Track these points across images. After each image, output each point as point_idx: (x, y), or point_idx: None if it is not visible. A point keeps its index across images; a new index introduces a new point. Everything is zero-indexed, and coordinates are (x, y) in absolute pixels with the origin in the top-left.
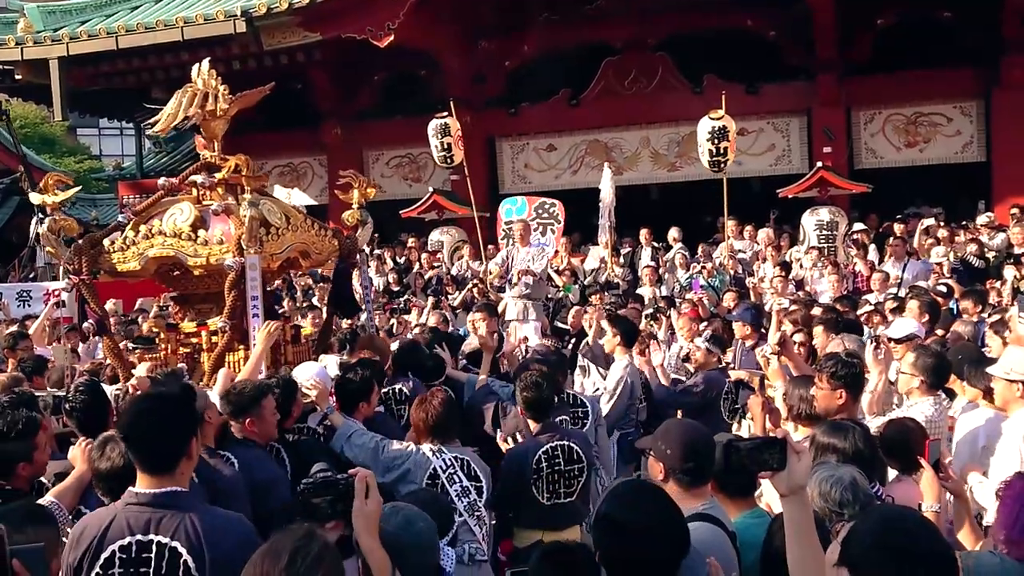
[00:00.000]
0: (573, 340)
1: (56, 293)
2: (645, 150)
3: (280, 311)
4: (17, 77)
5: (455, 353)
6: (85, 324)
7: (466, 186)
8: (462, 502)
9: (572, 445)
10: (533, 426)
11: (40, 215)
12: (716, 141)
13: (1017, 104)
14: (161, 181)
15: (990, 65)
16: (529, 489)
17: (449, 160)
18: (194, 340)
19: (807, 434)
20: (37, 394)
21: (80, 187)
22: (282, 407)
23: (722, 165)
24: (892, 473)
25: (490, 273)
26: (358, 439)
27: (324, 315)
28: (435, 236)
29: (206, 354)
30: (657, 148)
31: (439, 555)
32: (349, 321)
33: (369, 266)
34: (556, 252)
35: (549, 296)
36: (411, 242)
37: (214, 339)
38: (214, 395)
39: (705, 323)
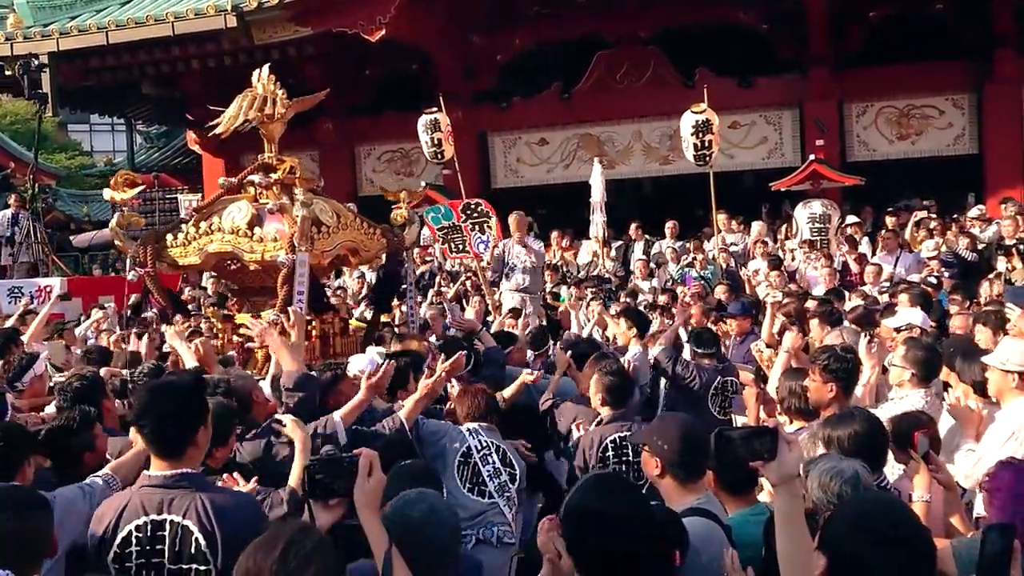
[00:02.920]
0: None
1: (48, 289)
2: (637, 144)
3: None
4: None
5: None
6: (148, 313)
7: (458, 181)
8: (493, 482)
9: None
10: (606, 413)
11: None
12: (700, 135)
13: (1009, 97)
14: (221, 180)
15: (982, 58)
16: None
17: (440, 156)
18: (248, 331)
19: (800, 427)
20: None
21: (142, 187)
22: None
23: (707, 159)
24: (900, 467)
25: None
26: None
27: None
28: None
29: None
30: (649, 142)
31: (460, 547)
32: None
33: (414, 263)
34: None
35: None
36: None
37: None
38: (266, 384)
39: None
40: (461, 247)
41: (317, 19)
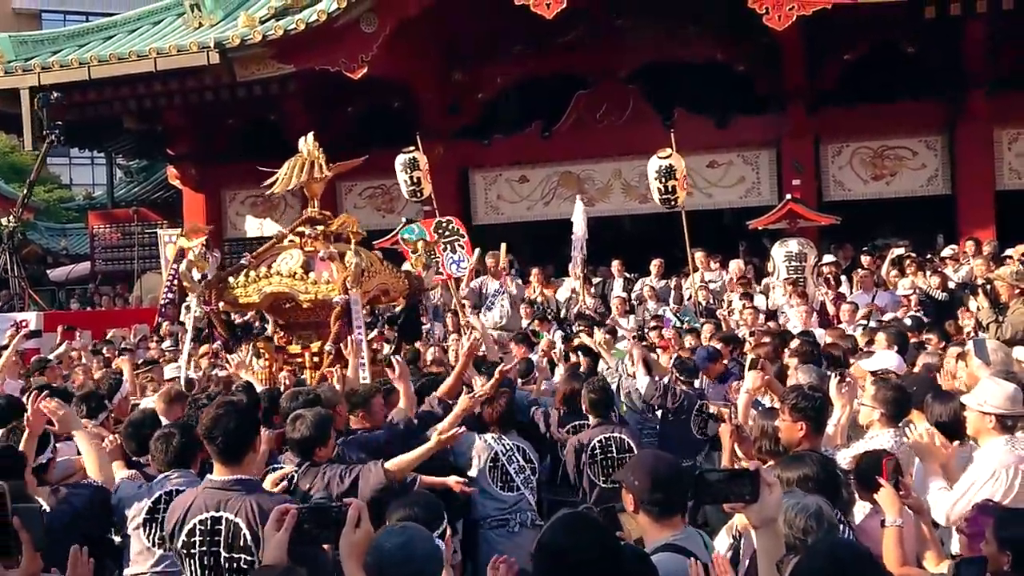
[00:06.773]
0: None
1: (24, 324)
2: (616, 182)
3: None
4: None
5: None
6: (215, 344)
7: (436, 217)
8: (519, 477)
9: (624, 436)
10: (593, 420)
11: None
12: (664, 180)
13: (980, 138)
14: (274, 232)
15: (954, 99)
16: (586, 472)
17: (418, 194)
18: (298, 360)
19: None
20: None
21: (207, 234)
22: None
23: (673, 203)
24: (867, 507)
25: (463, 301)
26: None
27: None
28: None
29: (309, 372)
30: (628, 180)
31: None
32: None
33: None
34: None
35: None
36: None
37: (315, 359)
38: None
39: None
40: (435, 270)
41: (300, 57)
